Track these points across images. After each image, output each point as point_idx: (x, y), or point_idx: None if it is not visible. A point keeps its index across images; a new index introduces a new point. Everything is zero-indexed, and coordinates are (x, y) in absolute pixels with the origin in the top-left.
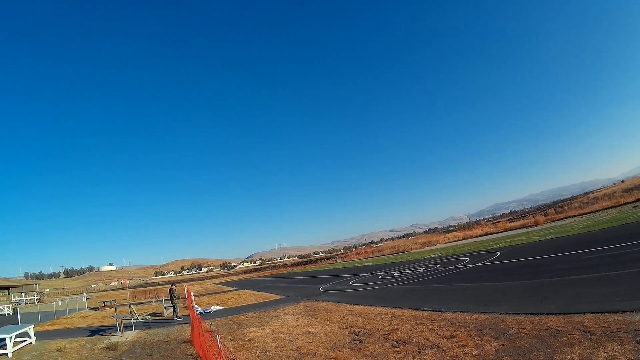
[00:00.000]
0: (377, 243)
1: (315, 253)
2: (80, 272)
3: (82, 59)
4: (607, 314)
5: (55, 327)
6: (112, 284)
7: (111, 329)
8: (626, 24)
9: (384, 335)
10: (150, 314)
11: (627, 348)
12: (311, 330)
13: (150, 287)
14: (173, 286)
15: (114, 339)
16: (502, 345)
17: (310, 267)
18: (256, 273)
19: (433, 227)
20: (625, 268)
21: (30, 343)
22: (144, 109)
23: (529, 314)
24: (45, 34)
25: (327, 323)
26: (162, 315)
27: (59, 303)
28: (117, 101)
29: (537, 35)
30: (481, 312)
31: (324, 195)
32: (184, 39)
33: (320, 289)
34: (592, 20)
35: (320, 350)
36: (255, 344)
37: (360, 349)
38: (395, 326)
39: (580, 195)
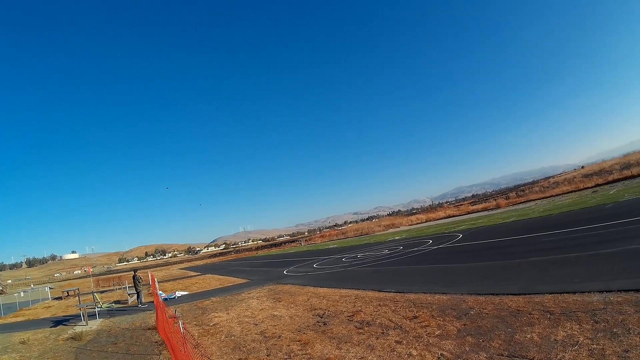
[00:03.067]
0: (341, 226)
1: (279, 236)
2: (43, 262)
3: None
4: (566, 294)
5: (18, 319)
6: (76, 272)
7: (75, 318)
8: (592, 14)
9: (348, 316)
10: (114, 301)
11: (585, 327)
12: (276, 313)
13: (114, 275)
14: (136, 272)
15: (78, 329)
16: (464, 325)
17: (274, 251)
18: (221, 257)
19: (396, 210)
20: (584, 250)
21: None
22: (104, 91)
23: (490, 294)
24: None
25: (292, 306)
26: (126, 303)
27: (22, 294)
28: (70, 81)
29: (505, 21)
30: (443, 293)
31: (288, 178)
32: None
33: (284, 272)
34: (559, 10)
35: (285, 333)
36: (220, 329)
37: (325, 330)
38: (359, 308)
39: (541, 179)
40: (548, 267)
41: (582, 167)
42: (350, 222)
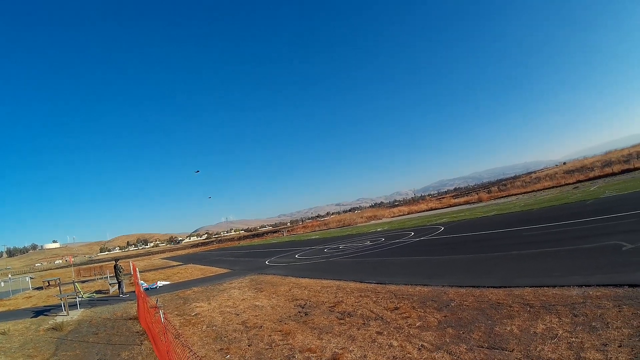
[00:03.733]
0: (323, 217)
1: (262, 227)
2: (24, 251)
3: None
4: (546, 288)
5: None
6: (57, 262)
7: (56, 308)
8: (582, 10)
9: (329, 307)
10: (95, 291)
11: (565, 320)
12: (257, 303)
13: (96, 264)
14: (117, 262)
15: (59, 319)
16: (445, 316)
17: (257, 241)
18: (203, 247)
19: (379, 202)
20: (564, 245)
21: None
22: (83, 78)
23: (471, 286)
24: None
25: (273, 296)
26: (107, 293)
27: (2, 284)
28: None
29: (490, 16)
30: (424, 285)
31: (271, 169)
32: None
33: (266, 262)
34: (546, 6)
35: (267, 324)
36: (202, 319)
37: (306, 321)
38: (341, 298)
39: (523, 174)
40: (528, 261)
41: (564, 163)
42: (333, 213)
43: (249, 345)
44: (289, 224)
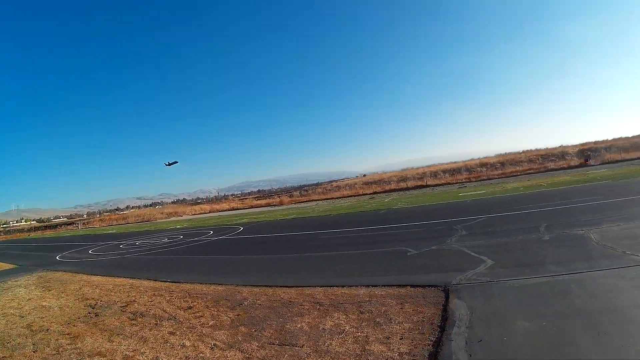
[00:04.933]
0: (122, 210)
1: (56, 217)
2: None
3: None
4: (335, 287)
5: None
6: None
7: None
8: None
9: (121, 307)
10: None
11: (351, 317)
12: (45, 304)
13: None
14: None
15: None
16: (238, 315)
17: (49, 233)
18: None
19: (182, 198)
20: (356, 249)
21: None
22: None
23: (264, 285)
24: None
25: (62, 295)
26: None
27: None
28: None
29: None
30: (219, 284)
31: (67, 152)
32: None
33: (57, 257)
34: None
35: (54, 326)
36: None
37: (96, 322)
38: (133, 298)
39: (325, 182)
40: (321, 262)
41: (364, 175)
42: (133, 207)
43: (34, 352)
44: (85, 216)
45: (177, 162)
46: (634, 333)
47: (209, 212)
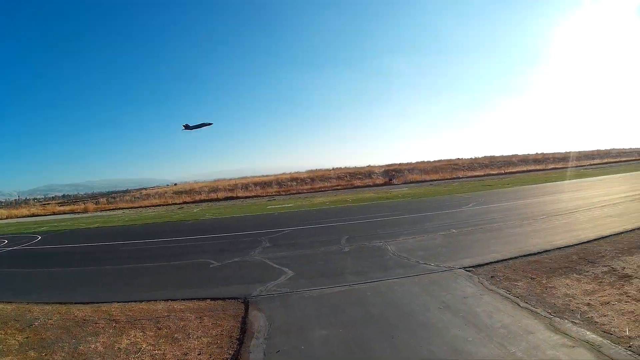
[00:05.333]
0: None
1: None
2: None
3: None
4: (133, 303)
5: None
6: None
7: None
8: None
9: None
10: None
11: (149, 334)
12: None
13: None
14: None
15: None
16: (27, 337)
17: None
18: None
19: None
20: (157, 261)
21: None
22: None
23: (57, 303)
24: None
25: None
26: None
27: None
28: None
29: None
30: (9, 302)
31: None
32: None
33: None
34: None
35: None
36: None
37: None
38: None
39: (134, 190)
40: (120, 276)
41: (175, 184)
42: None
43: None
44: None
45: (211, 123)
46: (425, 335)
47: (7, 218)
